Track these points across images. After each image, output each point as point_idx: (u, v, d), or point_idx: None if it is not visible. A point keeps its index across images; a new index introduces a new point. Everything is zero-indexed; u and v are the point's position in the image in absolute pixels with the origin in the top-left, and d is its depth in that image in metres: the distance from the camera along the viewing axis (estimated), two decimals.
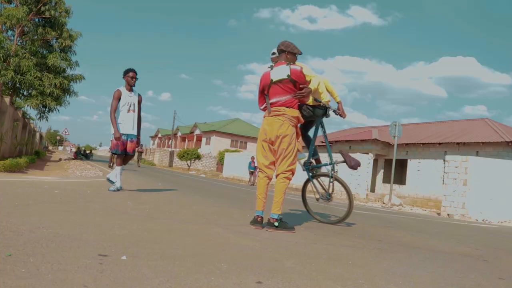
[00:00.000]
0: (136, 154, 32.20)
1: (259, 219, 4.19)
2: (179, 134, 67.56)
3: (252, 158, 24.10)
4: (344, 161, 5.45)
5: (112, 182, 6.74)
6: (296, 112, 4.30)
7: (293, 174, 4.30)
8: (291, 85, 4.26)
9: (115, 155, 6.74)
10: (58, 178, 9.07)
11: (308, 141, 5.58)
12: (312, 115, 5.23)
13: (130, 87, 6.73)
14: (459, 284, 2.61)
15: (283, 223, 4.14)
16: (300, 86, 4.30)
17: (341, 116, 5.38)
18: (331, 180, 5.29)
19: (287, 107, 4.25)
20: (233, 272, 2.24)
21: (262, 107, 4.48)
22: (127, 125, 6.65)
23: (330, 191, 5.36)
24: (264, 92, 4.40)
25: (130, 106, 6.68)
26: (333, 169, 5.28)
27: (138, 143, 6.82)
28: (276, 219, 4.11)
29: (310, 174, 5.51)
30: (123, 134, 6.60)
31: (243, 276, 2.19)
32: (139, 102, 6.86)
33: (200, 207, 5.79)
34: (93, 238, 2.74)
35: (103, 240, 2.70)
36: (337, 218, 5.45)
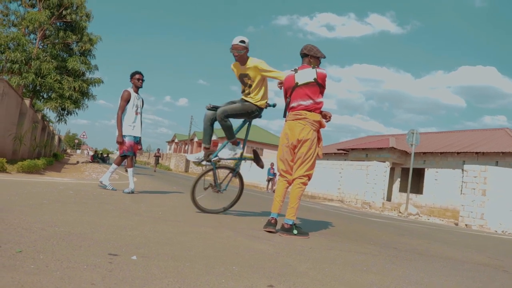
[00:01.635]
0: (154, 158, 32.34)
1: (272, 221, 4.14)
2: (195, 139, 67.79)
3: (272, 164, 23.81)
4: (254, 160, 5.33)
5: (104, 187, 6.74)
6: (318, 117, 4.20)
7: (309, 179, 4.21)
8: (317, 88, 4.20)
9: (127, 157, 6.76)
10: (74, 180, 9.14)
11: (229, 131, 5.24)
12: (255, 115, 5.04)
13: (137, 89, 6.78)
14: None
15: (298, 228, 4.08)
16: (324, 113, 4.32)
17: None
18: (234, 174, 5.34)
19: (308, 111, 4.18)
20: (244, 275, 2.19)
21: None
22: (136, 128, 6.71)
23: (225, 184, 5.34)
24: (287, 95, 4.36)
25: (137, 108, 6.72)
26: (239, 165, 5.34)
27: (139, 144, 6.88)
28: (291, 225, 4.04)
29: (214, 164, 5.28)
30: (135, 136, 6.66)
31: (255, 279, 2.14)
32: (142, 105, 6.92)
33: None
34: (104, 238, 2.72)
35: (114, 240, 2.68)
36: (222, 207, 5.40)
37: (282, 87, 4.48)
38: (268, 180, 24.02)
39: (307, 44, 4.41)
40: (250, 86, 4.87)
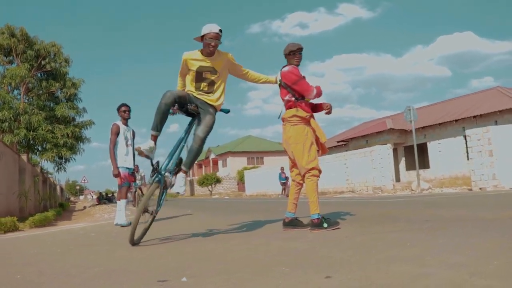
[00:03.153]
0: None
1: (286, 220, 4.26)
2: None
3: (282, 169, 23.78)
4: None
5: (123, 225, 6.52)
6: (291, 112, 4.16)
7: (317, 170, 4.09)
8: (283, 88, 4.26)
9: (123, 190, 6.73)
10: (89, 223, 9.10)
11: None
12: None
13: (125, 121, 6.77)
14: None
15: (327, 220, 4.02)
16: (321, 105, 4.33)
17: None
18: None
19: (286, 109, 4.25)
20: (297, 273, 2.18)
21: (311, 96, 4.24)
22: (129, 159, 6.68)
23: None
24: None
25: (127, 140, 6.71)
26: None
27: (133, 175, 6.90)
28: (318, 218, 4.00)
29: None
30: (128, 167, 6.61)
31: (309, 274, 2.12)
32: (133, 138, 6.90)
33: (236, 222, 5.72)
34: (145, 268, 2.69)
35: (156, 268, 2.66)
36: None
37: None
38: (282, 184, 23.85)
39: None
40: (213, 83, 4.15)
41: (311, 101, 4.33)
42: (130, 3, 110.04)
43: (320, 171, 4.14)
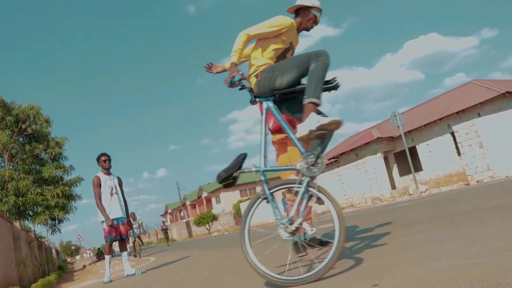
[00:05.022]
0: (162, 232, 31.16)
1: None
2: (187, 203, 67.04)
3: (283, 193, 23.52)
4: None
5: (133, 274, 6.42)
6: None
7: None
8: None
9: (113, 242, 6.60)
10: (99, 279, 8.82)
11: None
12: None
13: (107, 171, 6.65)
14: None
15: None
16: None
17: None
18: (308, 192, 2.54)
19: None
20: (342, 284, 2.09)
21: None
22: (115, 209, 6.49)
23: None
24: None
25: (111, 189, 6.55)
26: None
27: (129, 225, 6.72)
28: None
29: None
30: (113, 219, 6.41)
31: (355, 283, 2.04)
32: (120, 185, 6.76)
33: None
34: None
35: None
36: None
37: None
38: (286, 210, 23.50)
39: None
40: None
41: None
42: (98, 56, 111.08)
43: None
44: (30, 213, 21.28)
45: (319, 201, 2.48)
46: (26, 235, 17.59)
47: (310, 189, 2.46)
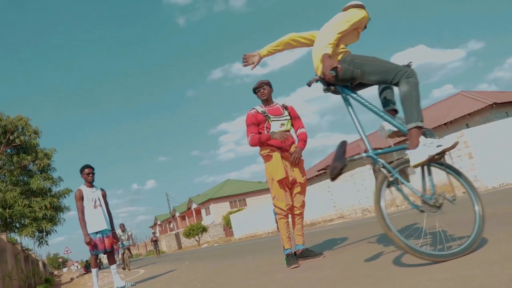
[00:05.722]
0: (152, 244, 30.79)
1: (297, 252, 4.16)
2: (177, 214, 66.59)
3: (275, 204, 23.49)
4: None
5: (123, 287, 6.38)
6: (259, 150, 4.23)
7: (279, 208, 4.10)
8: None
9: (98, 256, 6.51)
10: None
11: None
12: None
13: (90, 183, 6.55)
14: None
15: (288, 258, 3.96)
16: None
17: None
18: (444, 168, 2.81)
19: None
20: None
21: None
22: (98, 222, 6.35)
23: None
24: None
25: (95, 202, 6.43)
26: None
27: (115, 237, 6.56)
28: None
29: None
30: (97, 232, 6.29)
31: None
32: (104, 197, 6.67)
33: (240, 264, 5.58)
34: None
35: None
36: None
37: None
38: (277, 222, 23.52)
39: None
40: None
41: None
42: (89, 69, 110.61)
43: (285, 210, 4.06)
44: (17, 225, 20.99)
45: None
46: (13, 247, 17.30)
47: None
